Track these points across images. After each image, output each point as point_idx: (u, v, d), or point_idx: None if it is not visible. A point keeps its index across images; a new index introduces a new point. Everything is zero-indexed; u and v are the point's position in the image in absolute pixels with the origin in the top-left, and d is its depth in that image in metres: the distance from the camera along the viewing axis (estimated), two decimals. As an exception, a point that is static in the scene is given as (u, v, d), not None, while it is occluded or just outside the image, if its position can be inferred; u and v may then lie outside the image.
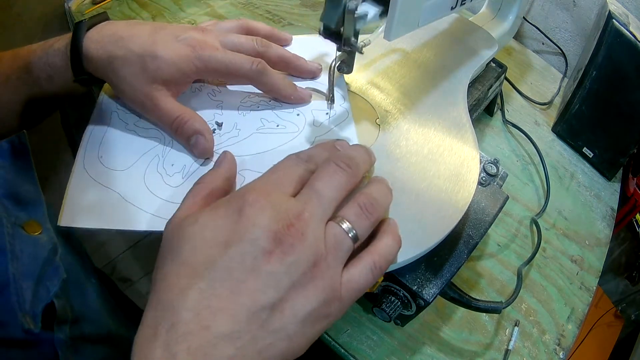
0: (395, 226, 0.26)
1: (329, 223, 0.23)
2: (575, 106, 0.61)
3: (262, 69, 0.33)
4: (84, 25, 0.32)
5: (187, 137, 0.31)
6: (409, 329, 0.40)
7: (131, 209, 0.29)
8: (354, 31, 0.31)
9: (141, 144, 0.33)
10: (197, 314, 0.19)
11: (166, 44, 0.31)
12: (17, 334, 0.25)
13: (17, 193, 0.29)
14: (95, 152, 0.32)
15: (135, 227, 0.28)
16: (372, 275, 0.23)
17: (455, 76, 0.42)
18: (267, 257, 0.20)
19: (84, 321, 0.32)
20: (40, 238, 0.29)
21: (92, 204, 0.29)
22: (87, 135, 0.33)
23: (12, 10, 0.65)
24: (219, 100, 0.36)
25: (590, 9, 0.71)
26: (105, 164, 0.31)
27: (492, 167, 0.37)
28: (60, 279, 0.28)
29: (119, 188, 0.30)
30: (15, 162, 0.29)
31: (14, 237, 0.27)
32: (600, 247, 0.53)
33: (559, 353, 0.42)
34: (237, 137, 0.33)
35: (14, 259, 0.26)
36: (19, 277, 0.26)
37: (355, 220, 0.23)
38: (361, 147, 0.29)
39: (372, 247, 0.24)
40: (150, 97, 0.31)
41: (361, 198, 0.24)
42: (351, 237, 0.23)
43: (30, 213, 0.30)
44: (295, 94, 0.36)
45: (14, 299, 0.25)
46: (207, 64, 0.32)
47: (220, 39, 0.34)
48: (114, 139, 0.33)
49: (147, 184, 0.30)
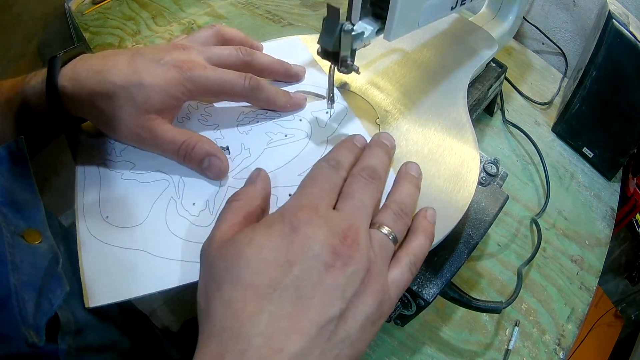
0: (427, 222, 0.27)
1: (371, 230, 0.24)
2: (575, 106, 0.61)
3: (255, 85, 0.32)
4: (58, 61, 0.29)
5: (198, 161, 0.30)
6: (409, 329, 0.40)
7: (164, 263, 0.26)
8: (351, 51, 0.31)
9: (148, 190, 0.30)
10: (269, 338, 0.19)
11: (150, 71, 0.29)
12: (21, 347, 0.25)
13: (15, 201, 0.28)
14: (97, 215, 0.29)
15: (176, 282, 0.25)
16: (410, 274, 0.25)
17: (455, 76, 0.42)
18: (330, 271, 0.21)
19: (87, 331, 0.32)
20: (41, 247, 0.28)
21: (117, 273, 0.26)
22: (80, 200, 0.30)
23: (12, 10, 0.65)
24: (214, 124, 0.34)
25: (590, 9, 0.71)
26: (116, 223, 0.28)
27: (492, 167, 0.37)
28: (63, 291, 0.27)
29: (143, 245, 0.27)
30: (13, 169, 0.28)
31: (13, 246, 0.26)
32: (600, 247, 0.53)
33: (559, 353, 0.42)
34: (250, 157, 0.32)
35: (14, 270, 0.25)
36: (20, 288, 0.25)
37: (392, 225, 0.25)
38: (379, 148, 0.29)
39: (407, 247, 0.26)
40: (146, 129, 0.29)
41: (394, 205, 0.26)
42: (392, 240, 0.25)
43: (29, 221, 0.29)
44: (291, 102, 0.35)
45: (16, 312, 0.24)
46: (198, 85, 0.30)
47: (204, 54, 0.32)
48: (114, 194, 0.30)
49: (173, 230, 0.28)
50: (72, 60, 0.30)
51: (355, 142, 0.29)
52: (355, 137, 0.30)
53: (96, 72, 0.29)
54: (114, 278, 0.26)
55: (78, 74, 0.29)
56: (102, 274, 0.26)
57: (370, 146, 0.30)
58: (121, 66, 0.29)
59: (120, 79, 0.28)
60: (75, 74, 0.29)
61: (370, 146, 0.30)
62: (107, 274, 0.26)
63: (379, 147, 0.29)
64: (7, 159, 0.28)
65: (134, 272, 0.26)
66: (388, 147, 0.30)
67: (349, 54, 0.31)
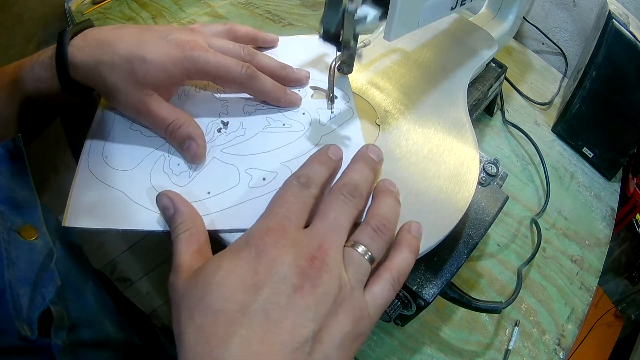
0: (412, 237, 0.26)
1: (345, 249, 0.24)
2: (575, 106, 0.61)
3: (251, 73, 0.33)
4: (68, 34, 0.31)
5: (179, 141, 0.31)
6: (409, 329, 0.40)
7: (136, 208, 0.29)
8: (354, 34, 0.31)
9: (146, 143, 0.33)
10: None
11: (154, 46, 0.30)
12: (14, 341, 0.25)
13: (12, 198, 0.29)
14: (99, 153, 0.32)
15: (140, 227, 0.28)
16: (393, 290, 0.24)
17: (455, 76, 0.42)
18: (299, 293, 0.21)
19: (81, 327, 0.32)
20: (37, 243, 0.29)
21: (97, 205, 0.29)
22: (91, 136, 0.33)
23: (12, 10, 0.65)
24: (224, 100, 0.36)
25: (590, 9, 0.71)
26: (111, 164, 0.31)
27: (492, 167, 0.37)
28: (55, 286, 0.28)
29: (125, 187, 0.30)
30: (11, 166, 0.29)
31: (9, 242, 0.27)
32: (600, 247, 0.53)
33: (559, 353, 0.42)
34: (243, 135, 0.34)
35: (10, 265, 0.26)
36: (15, 283, 0.26)
37: (370, 243, 0.24)
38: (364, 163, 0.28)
39: (389, 263, 0.25)
40: (142, 102, 0.31)
41: (373, 221, 0.25)
42: (367, 259, 0.24)
43: (25, 218, 0.29)
44: (285, 97, 0.35)
45: (10, 306, 0.25)
46: (197, 65, 0.31)
47: (208, 41, 0.33)
48: (118, 139, 0.33)
49: (154, 183, 0.30)
50: (82, 32, 0.32)
51: (330, 154, 0.28)
52: (330, 148, 0.28)
53: (104, 42, 0.30)
54: (93, 209, 0.29)
55: (88, 43, 0.30)
56: (85, 203, 0.29)
57: (356, 160, 0.28)
58: (128, 39, 0.30)
59: (125, 51, 0.30)
60: (86, 43, 0.31)
61: (355, 160, 0.28)
62: (90, 204, 0.29)
63: (365, 161, 0.28)
64: (4, 156, 0.29)
65: (112, 209, 0.29)
66: (374, 162, 0.29)
67: (352, 37, 0.31)
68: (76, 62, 0.30)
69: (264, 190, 0.30)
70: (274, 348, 0.19)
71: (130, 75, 0.30)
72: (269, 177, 0.30)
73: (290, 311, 0.20)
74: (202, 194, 0.30)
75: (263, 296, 0.21)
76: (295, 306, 0.21)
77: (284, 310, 0.20)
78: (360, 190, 0.26)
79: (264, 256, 0.22)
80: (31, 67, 0.32)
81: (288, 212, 0.24)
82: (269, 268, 0.21)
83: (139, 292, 1.09)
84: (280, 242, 0.22)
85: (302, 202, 0.25)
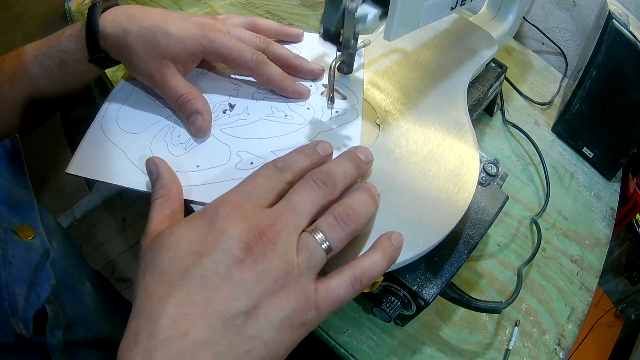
0: (390, 245, 0.26)
1: (302, 233, 0.23)
2: (575, 106, 0.61)
3: (262, 60, 0.34)
4: (99, 8, 0.33)
5: (187, 114, 0.33)
6: (409, 329, 0.40)
7: (132, 169, 0.31)
8: (354, 33, 0.31)
9: (157, 112, 0.35)
10: (175, 321, 0.20)
11: (177, 22, 0.33)
12: (10, 339, 0.25)
13: (10, 197, 0.29)
14: (114, 114, 0.35)
15: (131, 186, 0.30)
16: (352, 288, 0.23)
17: (455, 76, 0.42)
18: (239, 266, 0.21)
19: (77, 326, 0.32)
20: (33, 243, 0.29)
21: (100, 159, 0.31)
22: (110, 99, 0.36)
23: (12, 10, 0.65)
24: (236, 84, 0.38)
25: (590, 9, 0.71)
26: (121, 125, 0.34)
27: (492, 167, 0.37)
28: (50, 285, 0.29)
29: (127, 148, 0.32)
30: (8, 166, 0.30)
31: (6, 242, 0.27)
32: (600, 247, 0.53)
33: (559, 353, 0.42)
34: (245, 120, 0.35)
35: (6, 264, 0.26)
36: (11, 282, 0.26)
37: (329, 231, 0.24)
38: (348, 159, 0.28)
39: (357, 261, 0.24)
40: (160, 71, 0.33)
41: (338, 209, 0.24)
42: (324, 248, 0.23)
43: (22, 217, 0.30)
44: (294, 87, 0.36)
45: (6, 304, 0.26)
46: (213, 44, 0.33)
47: (229, 29, 0.35)
48: (132, 104, 0.35)
49: (153, 149, 0.32)
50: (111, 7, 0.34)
51: (318, 149, 0.28)
52: (320, 143, 0.28)
53: (133, 15, 0.33)
54: (96, 162, 0.31)
55: (118, 16, 0.33)
56: (91, 156, 0.32)
57: (340, 155, 0.28)
58: (155, 14, 0.33)
59: (151, 23, 0.32)
60: (117, 16, 0.33)
61: (340, 155, 0.28)
62: (94, 158, 0.31)
63: (349, 158, 0.27)
64: (3, 157, 0.29)
65: (111, 166, 0.31)
66: (359, 160, 0.28)
67: (352, 36, 0.31)
68: (107, 32, 0.33)
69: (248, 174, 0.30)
70: (205, 314, 0.20)
71: (152, 45, 0.32)
72: (257, 162, 0.32)
73: (227, 282, 0.21)
74: (191, 167, 0.31)
75: (203, 263, 0.21)
76: (232, 278, 0.21)
77: (220, 280, 0.21)
78: (333, 180, 0.25)
79: (213, 226, 0.22)
80: (57, 41, 0.34)
81: (252, 190, 0.24)
82: (216, 237, 0.22)
83: (139, 292, 1.09)
84: (232, 215, 0.23)
85: (270, 184, 0.25)
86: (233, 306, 0.20)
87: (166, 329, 0.19)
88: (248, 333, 0.20)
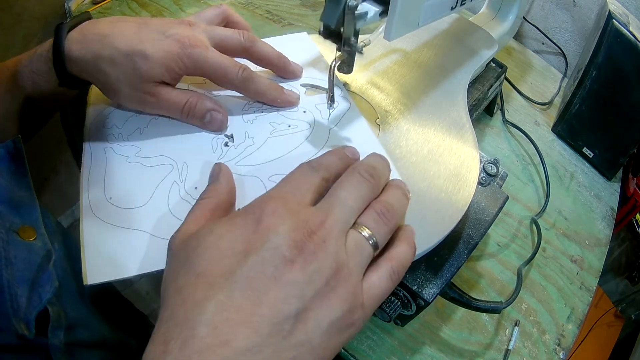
0: (411, 233, 0.26)
1: (349, 231, 0.22)
2: (575, 106, 0.61)
3: (247, 76, 0.33)
4: (65, 27, 0.30)
5: (200, 117, 0.32)
6: (409, 329, 0.40)
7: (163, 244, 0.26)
8: (354, 30, 0.31)
9: (153, 174, 0.30)
10: (215, 328, 0.18)
11: (154, 42, 0.30)
12: (12, 339, 0.25)
13: (11, 198, 0.29)
14: (101, 196, 0.29)
15: None
16: (391, 281, 0.23)
17: (455, 76, 0.42)
18: (289, 266, 0.19)
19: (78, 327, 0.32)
20: (35, 244, 0.29)
21: (116, 252, 0.26)
22: (85, 181, 0.30)
23: (12, 10, 0.65)
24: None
25: (590, 9, 0.71)
26: (118, 204, 0.29)
27: (492, 167, 0.37)
28: (52, 287, 0.28)
29: (144, 226, 0.27)
30: (11, 167, 0.29)
31: (8, 242, 0.27)
32: (600, 247, 0.53)
33: (559, 353, 0.42)
34: (253, 145, 0.33)
35: (8, 265, 0.26)
36: (13, 283, 0.26)
37: (374, 227, 0.23)
38: (379, 155, 0.27)
39: (389, 254, 0.24)
40: (150, 94, 0.31)
41: (378, 205, 0.24)
42: (371, 244, 0.23)
43: (24, 218, 0.30)
44: (282, 97, 0.35)
45: (8, 305, 0.25)
46: (196, 63, 0.31)
47: (208, 33, 0.33)
48: (118, 177, 0.30)
49: (175, 212, 0.28)
50: (79, 25, 0.31)
51: (346, 151, 0.27)
52: (347, 147, 0.28)
53: (103, 35, 0.29)
54: (113, 257, 0.26)
55: (85, 37, 0.30)
56: (102, 252, 0.26)
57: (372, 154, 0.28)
58: (128, 33, 0.30)
59: (126, 46, 0.29)
60: (83, 37, 0.30)
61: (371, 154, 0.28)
62: (107, 253, 0.26)
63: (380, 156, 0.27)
64: (5, 157, 0.29)
65: (134, 252, 0.26)
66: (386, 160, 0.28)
67: (352, 33, 0.31)
68: (74, 56, 0.29)
69: None
70: (251, 319, 0.18)
71: (132, 71, 0.30)
72: None
73: (275, 284, 0.19)
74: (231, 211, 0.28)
75: (249, 263, 0.19)
76: (282, 279, 0.19)
77: (268, 282, 0.19)
78: (378, 173, 0.25)
79: (259, 224, 0.21)
80: (29, 60, 0.32)
81: (292, 188, 0.23)
82: (262, 236, 0.20)
83: (139, 292, 1.09)
84: (278, 211, 0.21)
85: (309, 182, 0.24)
86: (282, 309, 0.19)
87: (204, 337, 0.18)
88: (296, 338, 0.19)
